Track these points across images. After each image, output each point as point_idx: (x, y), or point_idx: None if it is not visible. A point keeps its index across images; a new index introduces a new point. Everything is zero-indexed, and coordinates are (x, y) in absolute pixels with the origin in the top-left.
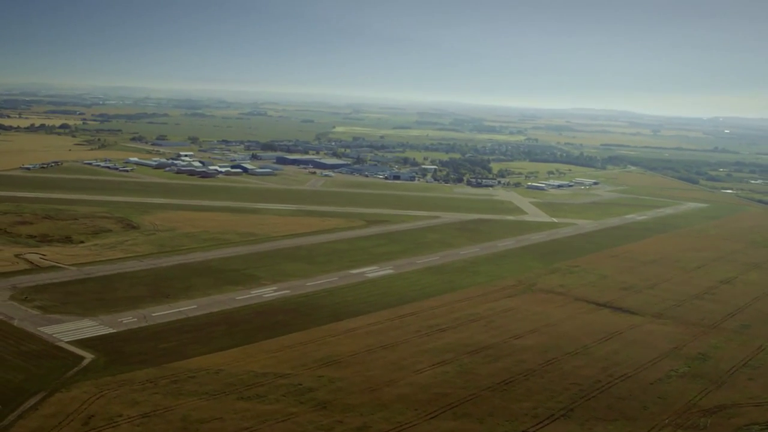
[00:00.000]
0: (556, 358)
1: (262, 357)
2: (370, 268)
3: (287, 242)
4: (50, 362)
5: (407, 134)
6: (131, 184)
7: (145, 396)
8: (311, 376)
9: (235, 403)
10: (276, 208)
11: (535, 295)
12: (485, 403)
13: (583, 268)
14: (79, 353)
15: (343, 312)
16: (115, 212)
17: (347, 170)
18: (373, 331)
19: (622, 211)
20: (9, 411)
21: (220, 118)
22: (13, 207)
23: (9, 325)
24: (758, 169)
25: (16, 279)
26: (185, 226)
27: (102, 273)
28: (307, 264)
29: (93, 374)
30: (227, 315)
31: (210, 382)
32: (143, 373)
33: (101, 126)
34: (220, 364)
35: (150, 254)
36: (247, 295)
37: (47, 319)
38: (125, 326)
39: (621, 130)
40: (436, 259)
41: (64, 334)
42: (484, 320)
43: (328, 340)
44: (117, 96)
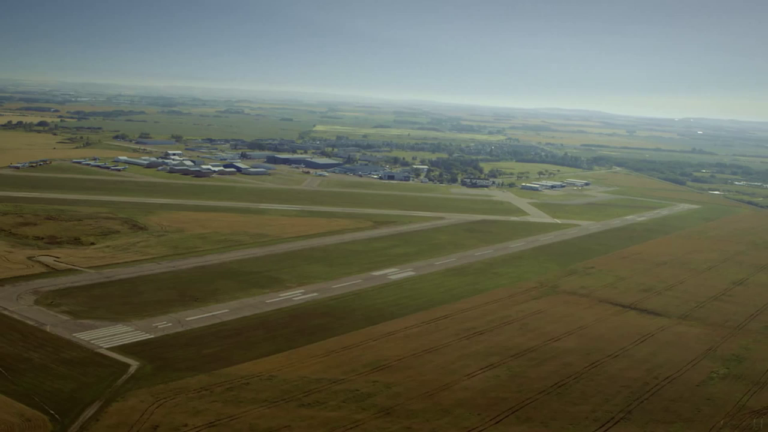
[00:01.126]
0: (599, 361)
1: (309, 362)
2: (390, 270)
3: (301, 243)
4: (96, 370)
5: (388, 133)
6: (127, 183)
7: (204, 404)
8: (365, 382)
9: (297, 410)
10: (280, 209)
11: (559, 297)
12: (544, 407)
13: (599, 269)
14: (124, 360)
15: (376, 315)
16: (118, 213)
17: (340, 170)
18: (411, 334)
19: (620, 212)
20: (69, 422)
21: (198, 116)
22: (12, 207)
23: (43, 332)
24: (739, 171)
25: (35, 283)
26: (194, 227)
27: (122, 276)
28: (327, 266)
29: (144, 382)
30: (262, 319)
31: (265, 388)
32: (195, 380)
33: (80, 124)
34: (270, 369)
35: (165, 256)
36: (276, 298)
37: (80, 325)
38: (162, 331)
39: (597, 131)
40: (453, 260)
41: (102, 341)
42: (518, 323)
43: (371, 344)
44: (88, 93)
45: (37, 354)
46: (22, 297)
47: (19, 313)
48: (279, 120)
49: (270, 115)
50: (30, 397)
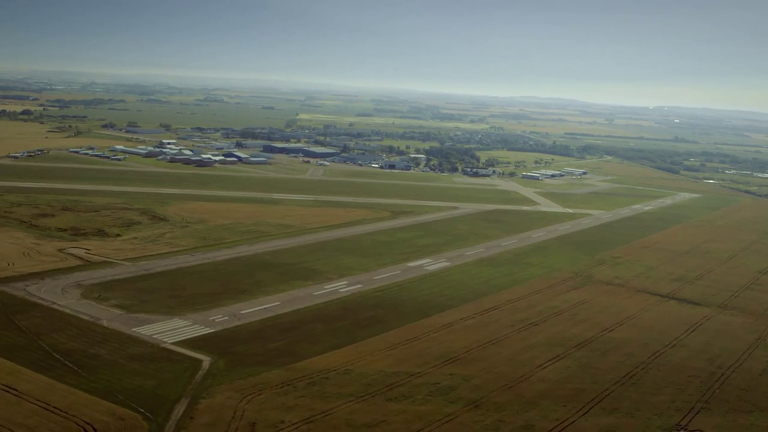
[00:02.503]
0: (659, 351)
1: (379, 355)
2: (424, 261)
3: (326, 234)
4: (170, 366)
5: (373, 122)
6: (131, 173)
7: (291, 400)
8: (442, 375)
9: (386, 404)
10: (293, 199)
11: (597, 287)
12: (624, 397)
13: (625, 259)
14: (193, 355)
15: (427, 307)
16: (133, 203)
17: (339, 159)
18: (469, 326)
19: (626, 201)
20: (163, 420)
21: (178, 104)
22: (24, 198)
23: (100, 326)
24: (727, 160)
25: (75, 276)
26: (214, 218)
27: (161, 268)
28: (360, 257)
29: (222, 378)
30: (316, 312)
31: (346, 383)
32: (273, 375)
33: (63, 112)
34: (343, 363)
35: (196, 248)
36: (322, 291)
37: (136, 319)
38: (221, 325)
39: (576, 119)
40: (482, 251)
41: (163, 335)
42: (567, 313)
43: (432, 336)
44: (61, 81)
45: (103, 350)
46: (67, 291)
47: (69, 307)
48: (260, 108)
49: (250, 104)
50: (113, 395)
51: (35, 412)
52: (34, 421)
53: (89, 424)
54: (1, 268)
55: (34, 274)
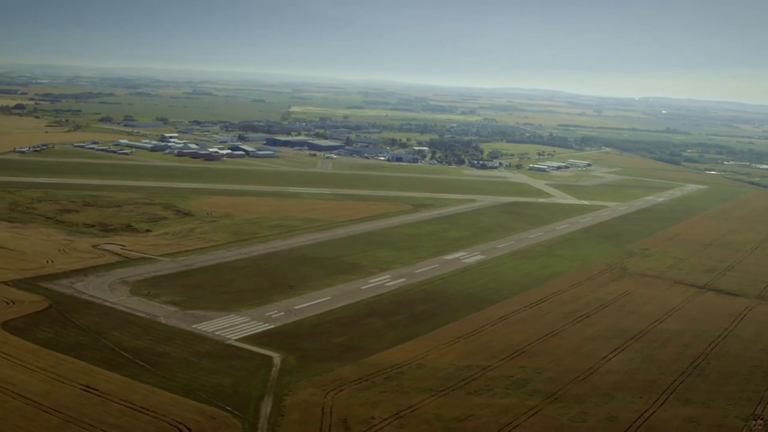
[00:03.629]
0: (714, 342)
1: (444, 349)
2: (460, 254)
3: (355, 228)
4: (242, 363)
5: (366, 114)
6: (143, 167)
7: (374, 395)
8: (513, 368)
9: (468, 398)
10: (311, 192)
11: (635, 279)
12: (694, 388)
13: (653, 250)
14: (262, 352)
15: (477, 300)
16: (154, 198)
17: (345, 152)
18: (523, 319)
19: (637, 193)
20: (254, 419)
21: (168, 97)
22: (42, 194)
23: (160, 324)
24: (723, 150)
25: (117, 272)
26: (239, 212)
27: (200, 264)
28: (395, 250)
29: (299, 375)
30: (369, 306)
31: (422, 377)
32: (346, 370)
33: (55, 106)
34: (413, 358)
35: (230, 243)
36: (369, 285)
37: (192, 316)
38: (279, 321)
39: (564, 110)
40: (512, 243)
41: (225, 332)
42: (614, 305)
43: (491, 329)
44: (44, 74)
45: (169, 347)
46: (115, 288)
47: (122, 304)
48: (251, 101)
49: (240, 96)
50: (195, 393)
51: (123, 412)
52: (125, 422)
53: (182, 423)
54: (41, 265)
55: (76, 271)
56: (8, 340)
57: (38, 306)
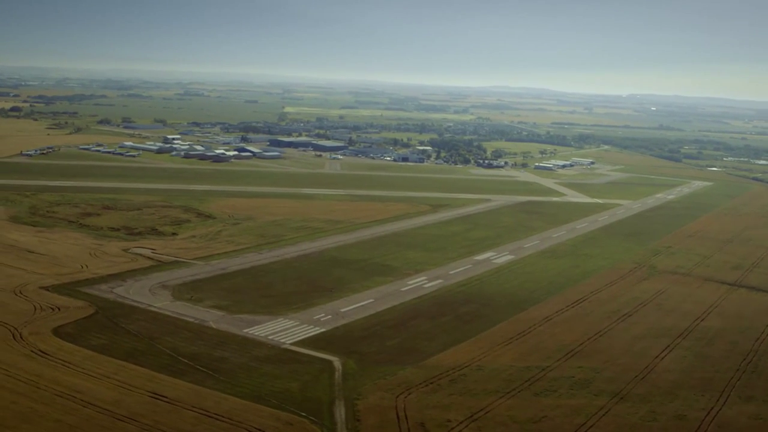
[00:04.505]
0: (761, 339)
1: (499, 350)
2: (489, 254)
3: (379, 229)
4: (303, 367)
5: (360, 114)
6: (153, 170)
7: (442, 398)
8: (571, 368)
9: (536, 399)
10: (326, 193)
11: (666, 277)
12: (753, 385)
13: (677, 248)
14: (320, 356)
15: (517, 300)
16: (172, 201)
17: (350, 153)
18: (567, 319)
19: (647, 190)
20: (331, 424)
21: (160, 99)
22: (59, 197)
23: (211, 329)
24: (720, 147)
25: (154, 277)
26: (261, 215)
27: (235, 267)
28: (424, 251)
29: (363, 378)
30: (413, 308)
31: (486, 379)
32: (409, 373)
33: (50, 109)
34: (470, 359)
35: (259, 245)
36: (407, 287)
37: (241, 320)
38: (328, 324)
39: (555, 108)
40: (537, 242)
41: (278, 336)
42: (652, 303)
43: (539, 330)
44: (32, 77)
45: (226, 352)
46: (156, 292)
47: (168, 309)
48: (244, 102)
49: (232, 97)
50: (265, 399)
51: (198, 419)
52: (203, 429)
53: (260, 430)
54: (76, 270)
55: (112, 276)
56: (63, 347)
57: (85, 312)
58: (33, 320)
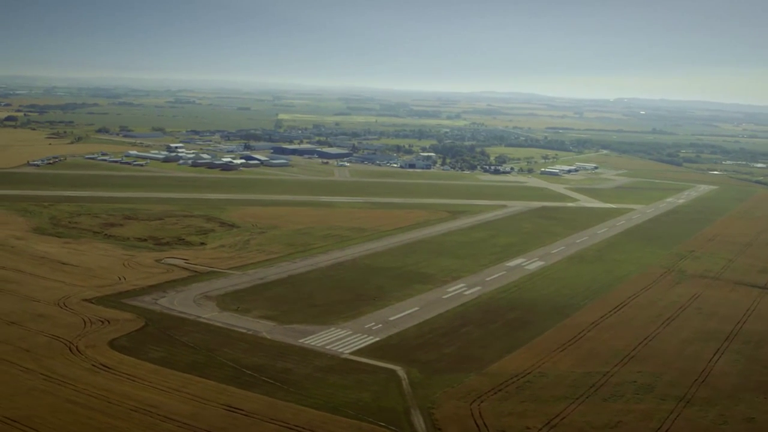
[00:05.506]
0: None
1: (556, 357)
2: (519, 261)
3: (405, 236)
4: (368, 377)
5: (355, 120)
6: (163, 179)
7: (515, 405)
8: (631, 373)
9: (606, 405)
10: (344, 201)
11: (697, 281)
12: None
13: (700, 252)
14: (383, 365)
15: (559, 306)
16: (191, 210)
17: (356, 159)
18: (613, 324)
19: (656, 195)
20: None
21: (153, 107)
22: (77, 208)
23: (267, 339)
24: (717, 150)
25: (195, 287)
26: (284, 223)
27: (274, 277)
28: (455, 258)
29: (432, 387)
30: (460, 315)
31: (551, 385)
32: (474, 381)
33: (45, 118)
34: (531, 366)
35: (291, 254)
36: (448, 294)
37: (293, 330)
38: (381, 333)
39: (546, 113)
40: (563, 248)
41: (335, 346)
42: (691, 308)
43: (590, 336)
44: (19, 86)
45: (289, 363)
46: (201, 303)
47: (218, 320)
48: (237, 110)
49: (223, 105)
50: (341, 410)
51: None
52: None
53: None
54: (115, 282)
55: (152, 287)
56: (124, 360)
57: (135, 324)
58: (85, 333)
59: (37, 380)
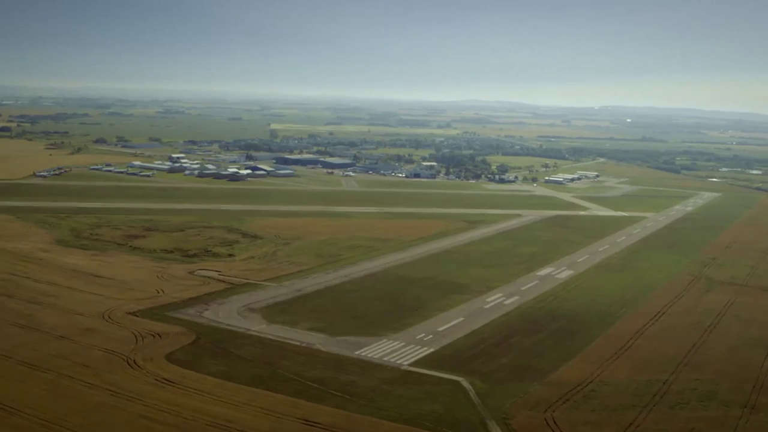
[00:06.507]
0: None
1: (612, 366)
2: (549, 270)
3: (429, 247)
4: (435, 388)
5: (348, 130)
6: (174, 189)
7: (587, 414)
8: (689, 380)
9: (674, 413)
10: (361, 211)
11: (726, 288)
12: None
13: (722, 259)
14: (445, 377)
15: (601, 315)
16: (210, 221)
17: (361, 169)
18: (657, 332)
19: (663, 202)
20: None
21: (143, 117)
22: (95, 219)
23: (323, 352)
24: (712, 158)
25: (236, 300)
26: (306, 234)
27: (312, 288)
28: (485, 268)
29: (500, 398)
30: (505, 325)
31: (616, 394)
32: (540, 391)
33: (37, 128)
34: (590, 375)
35: (321, 266)
36: (489, 304)
37: (346, 342)
38: (434, 344)
39: (534, 122)
40: (588, 257)
41: (392, 357)
42: (728, 315)
43: (638, 344)
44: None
45: (351, 376)
46: (246, 315)
47: (269, 333)
48: (228, 119)
49: (213, 115)
50: (417, 422)
51: None
52: None
53: None
54: (153, 295)
55: (192, 300)
56: (186, 375)
57: (187, 338)
58: (139, 347)
59: (104, 396)
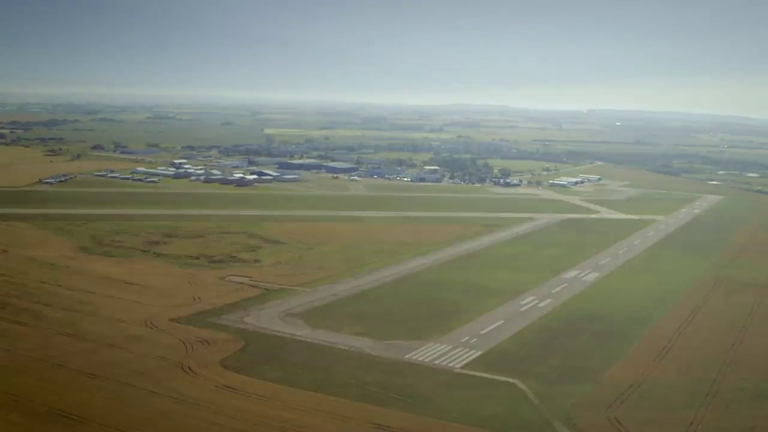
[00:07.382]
0: None
1: (659, 366)
2: (575, 272)
3: (453, 251)
4: (493, 391)
5: (342, 134)
6: (184, 195)
7: (648, 414)
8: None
9: (731, 412)
10: (376, 216)
11: (751, 290)
12: None
13: (740, 262)
14: (501, 379)
15: (636, 317)
16: (229, 227)
17: (365, 174)
18: (694, 332)
19: (670, 205)
20: None
21: (135, 122)
22: (113, 225)
23: (374, 356)
24: (708, 161)
25: (274, 305)
26: (328, 239)
27: (347, 293)
28: (511, 271)
29: (559, 399)
30: (544, 328)
31: (671, 394)
32: (594, 391)
33: (31, 135)
34: (641, 375)
35: (349, 270)
36: (525, 307)
37: (394, 346)
38: (482, 347)
39: (525, 125)
40: (610, 259)
41: (442, 360)
42: (759, 316)
43: (679, 345)
44: None
45: (408, 380)
46: (287, 321)
47: (315, 338)
48: (220, 125)
49: (204, 120)
50: (488, 425)
51: None
52: None
53: None
54: (191, 301)
55: (230, 306)
56: (246, 381)
57: (236, 344)
58: (190, 354)
59: (168, 403)
